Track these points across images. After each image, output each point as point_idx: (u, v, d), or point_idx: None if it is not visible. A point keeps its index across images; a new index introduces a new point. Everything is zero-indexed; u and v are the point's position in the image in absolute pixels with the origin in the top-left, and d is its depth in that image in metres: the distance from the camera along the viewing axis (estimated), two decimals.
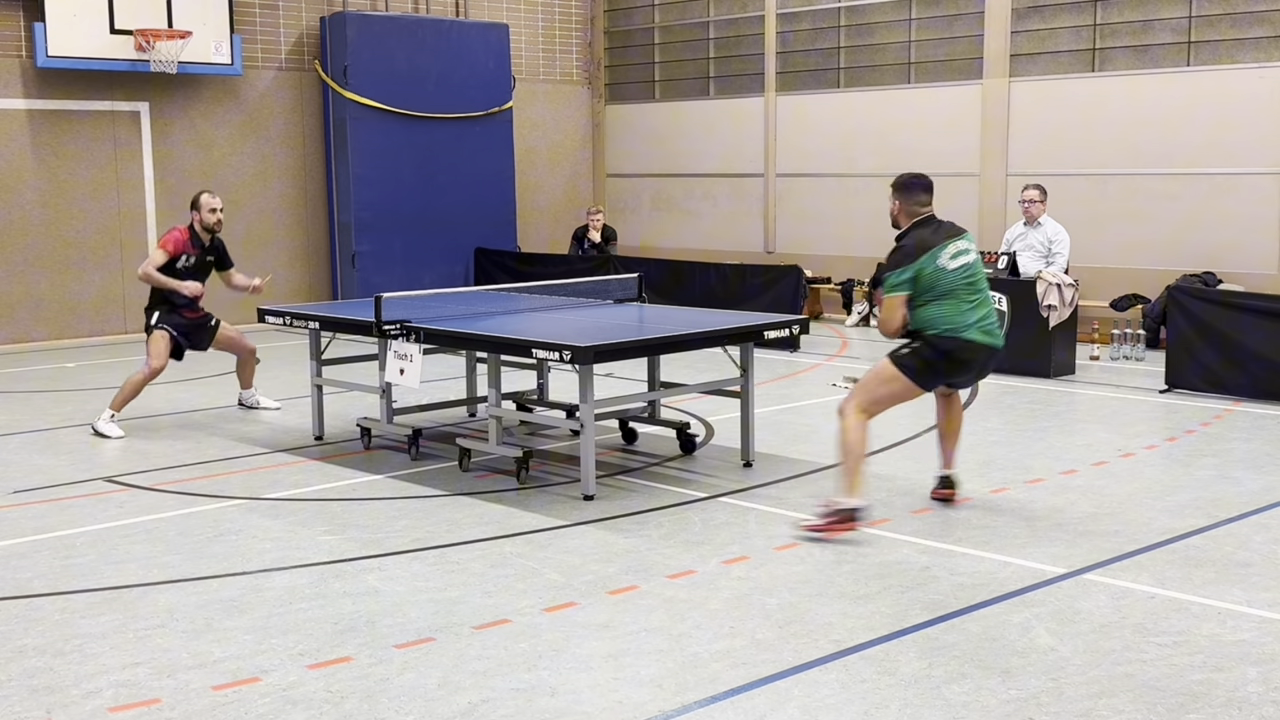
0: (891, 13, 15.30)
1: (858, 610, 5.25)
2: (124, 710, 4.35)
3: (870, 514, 6.35)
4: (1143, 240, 13.35)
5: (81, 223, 14.26)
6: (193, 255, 9.25)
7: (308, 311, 8.85)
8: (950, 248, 6.47)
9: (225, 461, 8.15)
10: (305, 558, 6.06)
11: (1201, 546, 6.13)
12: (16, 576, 5.84)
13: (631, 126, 18.12)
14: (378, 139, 15.50)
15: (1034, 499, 7.04)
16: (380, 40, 15.50)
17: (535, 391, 9.34)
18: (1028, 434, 8.80)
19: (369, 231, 15.55)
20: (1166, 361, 10.41)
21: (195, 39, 14.02)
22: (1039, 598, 5.39)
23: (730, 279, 13.97)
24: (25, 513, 6.96)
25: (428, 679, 4.57)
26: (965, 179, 14.60)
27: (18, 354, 13.26)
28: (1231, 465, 7.78)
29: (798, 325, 8.05)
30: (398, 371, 7.81)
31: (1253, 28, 12.64)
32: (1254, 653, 4.75)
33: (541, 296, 9.58)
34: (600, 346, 6.88)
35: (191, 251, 9.23)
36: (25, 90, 13.80)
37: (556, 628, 5.07)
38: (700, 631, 5.02)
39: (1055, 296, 10.97)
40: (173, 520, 6.77)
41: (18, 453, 8.51)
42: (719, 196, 17.01)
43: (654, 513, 6.80)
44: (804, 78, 16.12)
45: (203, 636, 5.02)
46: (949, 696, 4.38)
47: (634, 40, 18.07)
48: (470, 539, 6.33)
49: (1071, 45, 13.83)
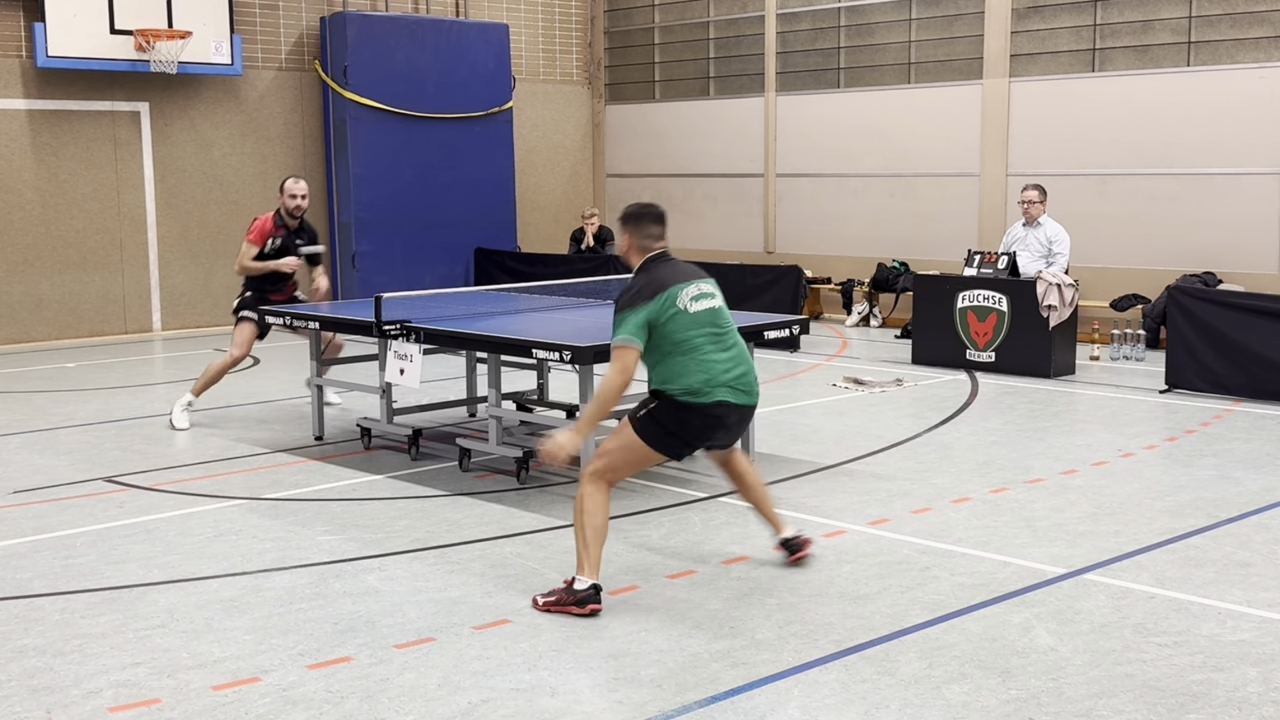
0: (891, 13, 15.30)
1: (858, 610, 5.25)
2: (124, 710, 4.35)
3: (604, 596, 5.31)
4: (1143, 240, 13.35)
5: (81, 223, 14.27)
6: (278, 237, 9.34)
7: (308, 311, 8.84)
8: (691, 288, 5.50)
9: (225, 461, 8.15)
10: (305, 558, 6.06)
11: (1201, 546, 6.13)
12: (16, 576, 5.84)
13: (631, 126, 18.12)
14: (378, 139, 15.50)
15: (1034, 499, 7.03)
16: (380, 40, 15.50)
17: (535, 391, 9.34)
18: (1028, 434, 8.80)
19: (369, 231, 15.55)
20: (1166, 361, 10.41)
21: (195, 39, 14.03)
22: (1039, 598, 5.39)
23: (730, 279, 13.92)
24: (25, 513, 6.96)
25: (428, 679, 4.57)
26: (965, 179, 14.61)
27: (18, 354, 13.26)
28: (1231, 465, 7.78)
29: (798, 325, 8.04)
30: (398, 371, 7.81)
31: (1253, 28, 12.64)
32: (1254, 653, 4.75)
33: (541, 296, 9.59)
34: (600, 346, 6.87)
35: (277, 233, 9.33)
36: (25, 90, 13.80)
37: (556, 628, 5.07)
38: (700, 631, 5.02)
39: (1055, 297, 10.97)
40: (173, 520, 6.77)
41: (18, 453, 8.51)
42: (719, 196, 17.01)
43: (654, 513, 6.80)
44: (804, 78, 16.12)
45: (203, 636, 5.02)
46: (949, 696, 4.38)
47: (634, 40, 18.07)
48: (470, 539, 6.33)
49: (1071, 45, 13.83)
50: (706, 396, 5.36)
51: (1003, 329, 11.29)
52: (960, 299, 11.55)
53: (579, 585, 5.27)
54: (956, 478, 7.52)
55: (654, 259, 5.59)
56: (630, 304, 5.39)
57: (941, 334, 11.69)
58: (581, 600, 5.23)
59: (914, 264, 14.74)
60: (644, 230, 5.63)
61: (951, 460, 7.99)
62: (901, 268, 14.94)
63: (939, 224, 14.84)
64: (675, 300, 5.42)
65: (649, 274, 5.53)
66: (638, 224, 5.63)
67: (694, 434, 5.46)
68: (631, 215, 5.66)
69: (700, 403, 5.36)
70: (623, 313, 5.39)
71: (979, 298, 11.45)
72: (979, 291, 11.46)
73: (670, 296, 5.41)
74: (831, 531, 6.38)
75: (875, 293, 15.07)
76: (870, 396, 10.24)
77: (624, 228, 5.65)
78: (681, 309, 5.41)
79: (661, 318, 5.37)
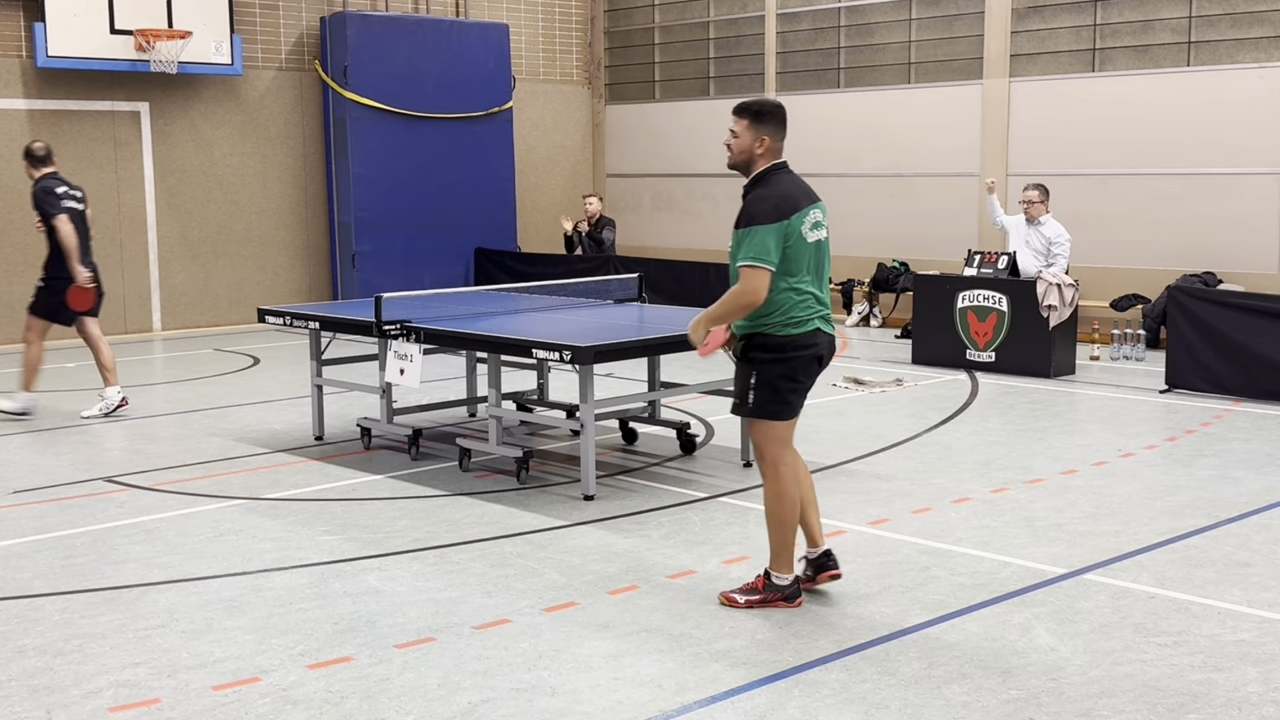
0: (891, 13, 15.30)
1: (858, 610, 5.25)
2: (124, 710, 4.35)
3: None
4: (1143, 240, 13.35)
5: None
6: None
7: (308, 311, 8.84)
8: (814, 213, 5.09)
9: (225, 461, 8.15)
10: (305, 558, 6.06)
11: (1201, 546, 6.13)
12: (16, 576, 5.84)
13: (631, 126, 18.12)
14: (378, 139, 15.50)
15: (1034, 499, 7.03)
16: (380, 40, 15.50)
17: (535, 391, 9.34)
18: (1028, 434, 8.80)
19: (369, 231, 15.55)
20: (1166, 361, 10.41)
21: (195, 39, 14.03)
22: (1039, 598, 5.39)
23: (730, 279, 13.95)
24: (25, 513, 6.96)
25: (428, 679, 4.57)
26: (965, 179, 14.60)
27: (18, 354, 13.23)
28: (1231, 465, 7.78)
29: None
30: (398, 371, 7.81)
31: (1253, 28, 12.64)
32: (1254, 653, 4.75)
33: (541, 296, 9.59)
34: (600, 346, 6.88)
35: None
36: (25, 90, 13.80)
37: (556, 628, 5.07)
38: (700, 631, 5.02)
39: (1055, 296, 10.97)
40: (173, 520, 6.77)
41: (18, 453, 8.51)
42: (719, 196, 17.00)
43: (654, 513, 6.80)
44: (804, 78, 16.12)
45: (203, 636, 5.02)
46: (949, 696, 4.38)
47: (634, 40, 18.07)
48: (470, 539, 6.33)
49: (1071, 45, 13.83)
50: (805, 325, 5.06)
51: (1003, 329, 11.29)
52: (960, 299, 11.55)
53: (779, 581, 5.25)
54: (956, 478, 7.52)
55: (779, 168, 5.10)
56: (764, 218, 4.90)
57: (942, 334, 11.69)
58: (789, 595, 5.24)
59: (914, 264, 14.74)
60: (781, 131, 5.11)
61: (951, 460, 7.99)
62: (901, 267, 14.94)
63: (939, 224, 14.84)
64: (801, 223, 4.98)
65: (778, 186, 5.02)
66: (778, 123, 5.10)
67: (802, 368, 5.12)
68: (768, 111, 5.09)
69: (799, 333, 5.05)
70: (752, 228, 4.92)
71: (979, 298, 11.45)
72: (979, 291, 11.46)
73: (799, 219, 4.98)
74: (831, 531, 6.37)
75: (875, 293, 15.06)
76: (870, 396, 10.24)
77: (761, 124, 5.06)
78: (802, 235, 4.98)
79: (789, 240, 4.96)
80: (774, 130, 5.10)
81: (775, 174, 5.10)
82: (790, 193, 5.04)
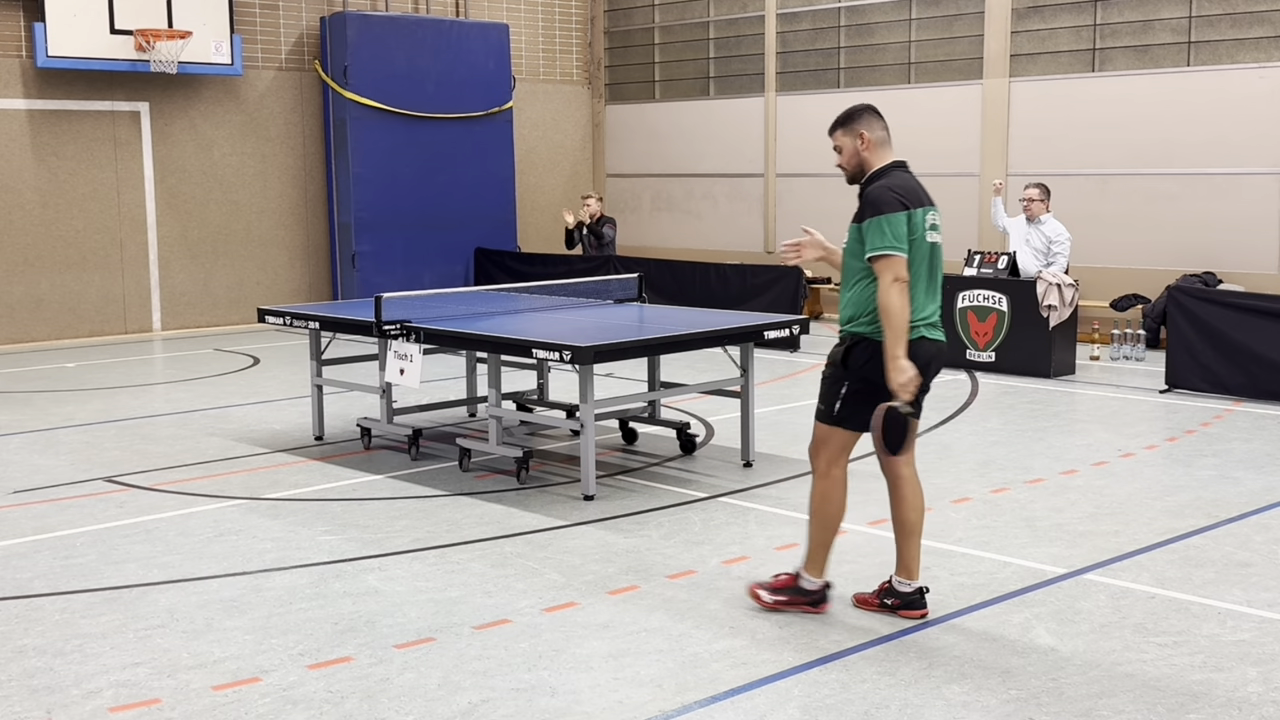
0: (891, 13, 15.30)
1: (858, 610, 5.25)
2: (124, 710, 4.35)
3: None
4: (1143, 240, 13.35)
5: (81, 223, 14.26)
6: None
7: (308, 311, 8.84)
8: (933, 214, 4.99)
9: (225, 461, 8.14)
10: (305, 558, 6.06)
11: (1201, 546, 6.13)
12: (16, 576, 5.84)
13: (631, 126, 18.12)
14: (378, 139, 15.50)
15: (1034, 499, 7.03)
16: (380, 40, 15.50)
17: (535, 391, 9.34)
18: (1028, 434, 8.80)
19: (369, 231, 15.55)
20: (1166, 361, 10.41)
21: (195, 39, 14.03)
22: (1039, 598, 5.39)
23: (730, 279, 13.97)
24: (25, 513, 6.96)
25: (428, 679, 4.57)
26: (965, 179, 14.60)
27: (18, 354, 13.26)
28: (1231, 465, 7.78)
29: (798, 325, 8.04)
30: (398, 371, 7.81)
31: (1253, 28, 12.64)
32: (1254, 653, 4.75)
33: (541, 296, 9.58)
34: (600, 346, 6.87)
35: None
36: (25, 90, 13.80)
37: (556, 628, 5.07)
38: (700, 631, 5.02)
39: (1055, 296, 10.97)
40: (173, 520, 6.77)
41: (18, 453, 8.51)
42: (719, 196, 17.00)
43: (654, 513, 6.80)
44: (804, 78, 16.12)
45: (203, 636, 5.02)
46: (949, 696, 4.38)
47: (634, 40, 18.07)
48: (470, 539, 6.33)
49: (1071, 45, 13.83)
50: (911, 333, 4.83)
51: (1003, 329, 11.29)
52: (960, 299, 11.55)
53: (807, 585, 5.17)
54: (956, 478, 7.52)
55: (899, 165, 4.96)
56: (889, 207, 4.75)
57: None
58: (815, 600, 5.16)
59: None
60: (878, 123, 4.99)
61: (951, 460, 7.99)
62: None
63: None
64: (923, 221, 4.84)
65: (899, 179, 4.88)
66: (870, 115, 5.00)
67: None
68: (853, 111, 5.02)
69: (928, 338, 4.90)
70: (878, 219, 4.77)
71: (979, 297, 11.45)
72: (979, 291, 11.46)
73: (922, 215, 4.85)
74: None
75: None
76: None
77: (853, 124, 4.99)
78: (921, 235, 4.83)
79: (914, 234, 4.79)
80: (869, 123, 5.02)
81: (894, 169, 5.00)
82: (914, 187, 4.94)
